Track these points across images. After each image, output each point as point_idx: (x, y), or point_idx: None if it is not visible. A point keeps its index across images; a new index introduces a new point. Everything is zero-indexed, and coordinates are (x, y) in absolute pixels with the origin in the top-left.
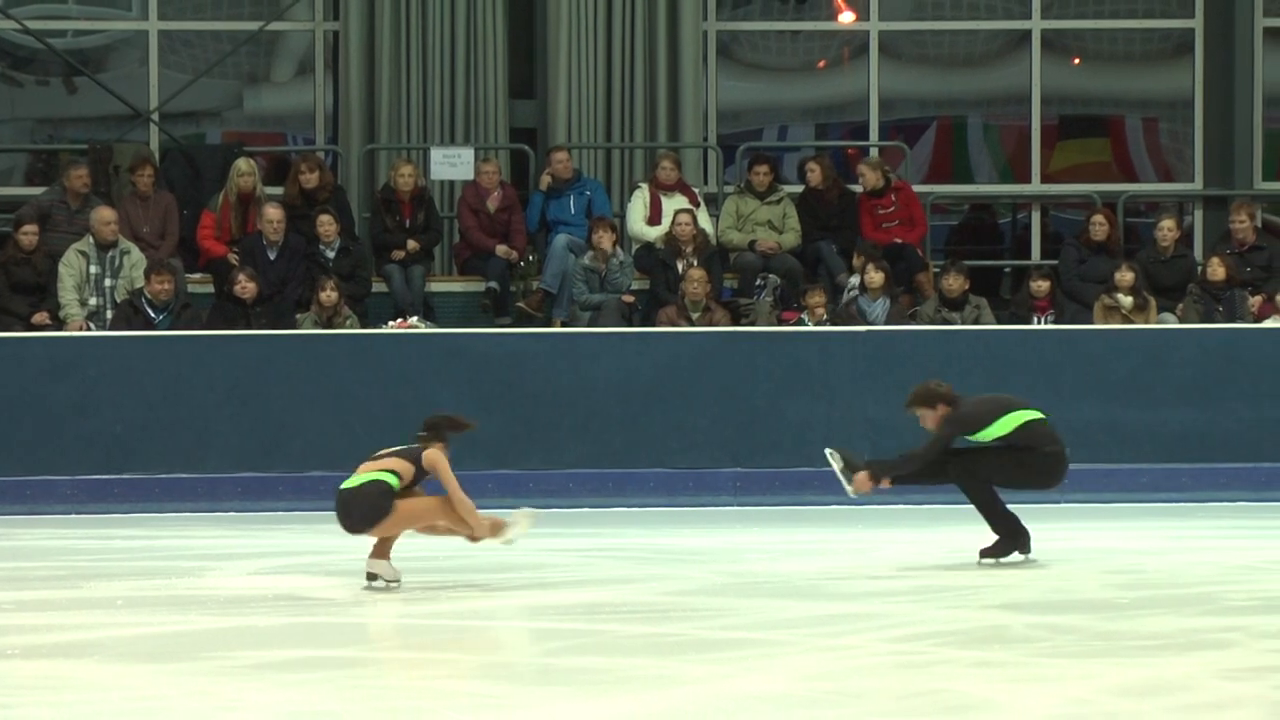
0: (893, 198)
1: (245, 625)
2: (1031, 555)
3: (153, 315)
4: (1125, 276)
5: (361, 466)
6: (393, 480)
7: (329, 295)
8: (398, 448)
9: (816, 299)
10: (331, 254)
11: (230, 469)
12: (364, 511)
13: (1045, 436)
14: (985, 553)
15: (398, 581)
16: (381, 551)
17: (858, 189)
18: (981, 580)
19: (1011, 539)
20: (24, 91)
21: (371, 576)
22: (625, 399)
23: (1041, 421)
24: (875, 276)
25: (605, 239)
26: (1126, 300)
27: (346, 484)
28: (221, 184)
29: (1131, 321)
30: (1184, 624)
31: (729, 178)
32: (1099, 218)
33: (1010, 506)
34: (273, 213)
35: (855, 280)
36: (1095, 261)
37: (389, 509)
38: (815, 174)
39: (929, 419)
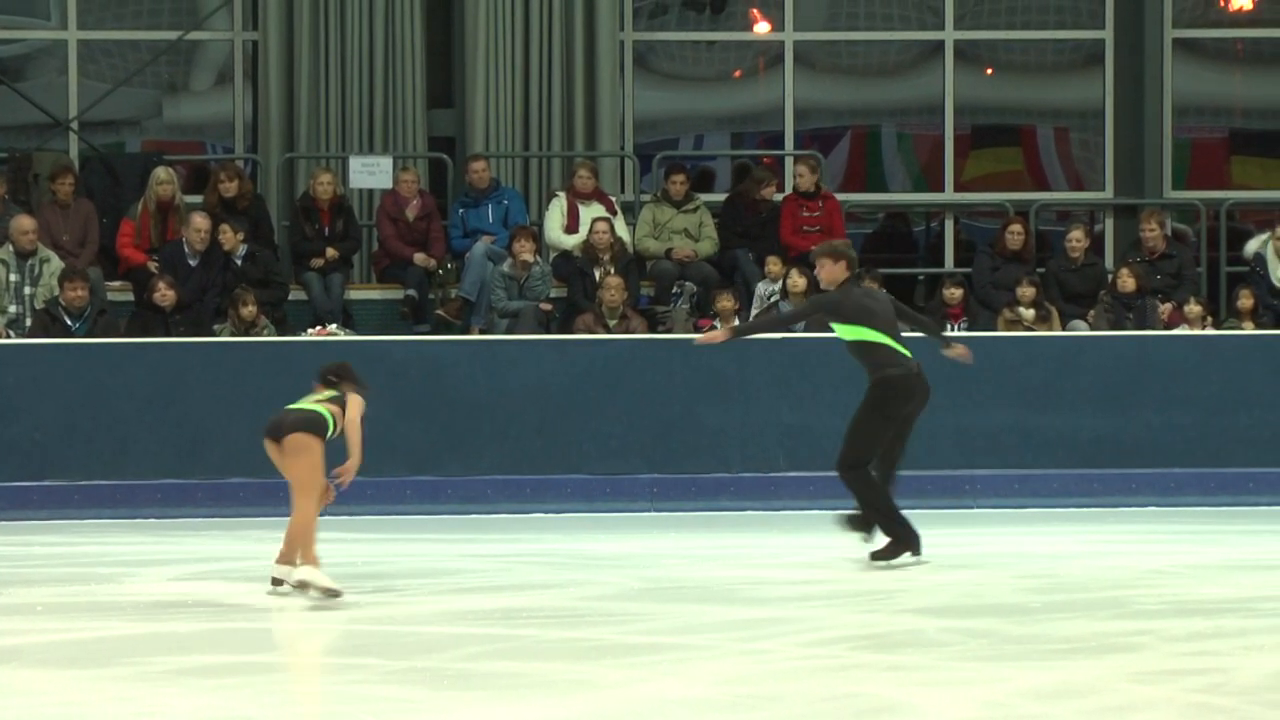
0: (820, 204)
1: (164, 631)
2: (923, 557)
3: (69, 323)
4: (1026, 291)
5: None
6: (329, 422)
7: (249, 310)
8: (324, 395)
9: (726, 302)
10: (239, 261)
11: (149, 475)
12: (301, 425)
13: (884, 356)
14: (876, 555)
15: (337, 593)
16: (303, 559)
17: (778, 197)
18: (895, 585)
19: (903, 541)
20: None
21: (302, 585)
22: (543, 405)
23: (891, 348)
24: (799, 281)
25: (525, 248)
26: (1028, 313)
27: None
28: (141, 192)
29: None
30: (1095, 628)
31: (645, 186)
32: (1016, 226)
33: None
34: (200, 221)
35: (771, 285)
36: (1008, 269)
37: (320, 440)
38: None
39: (826, 270)
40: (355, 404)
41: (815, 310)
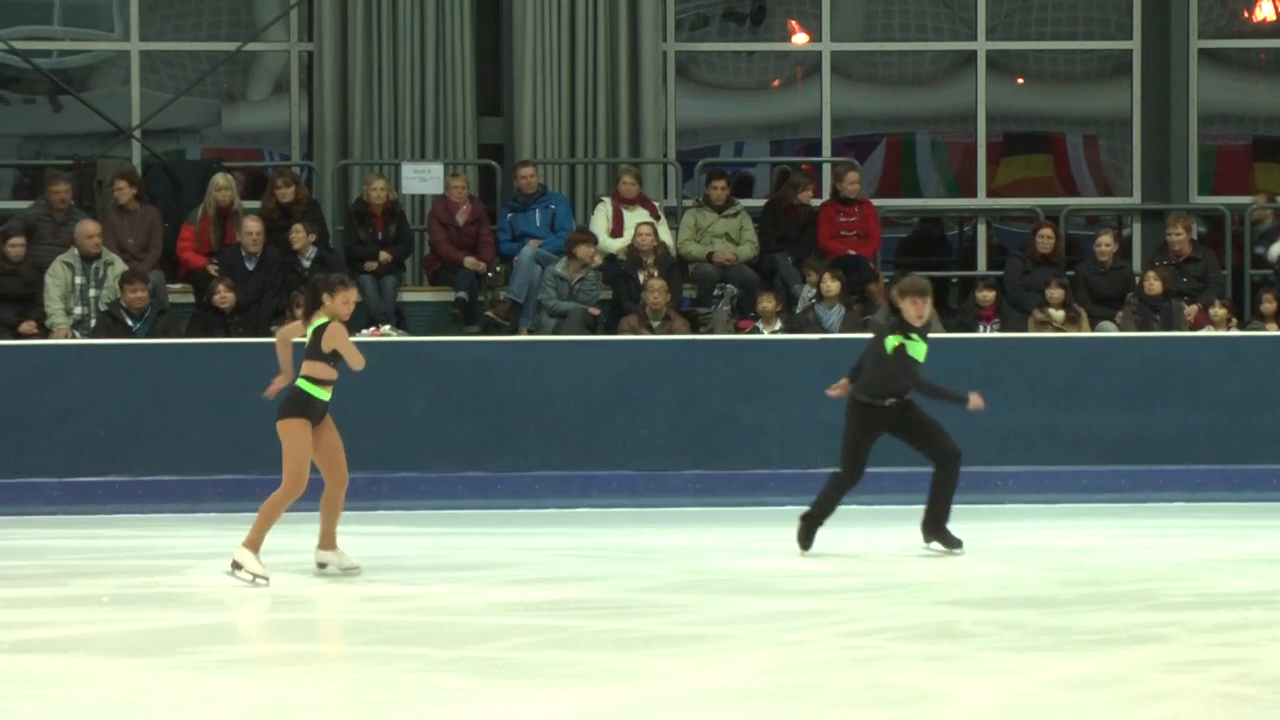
0: (856, 210)
1: (225, 621)
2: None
3: (130, 323)
4: (1056, 293)
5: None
6: (305, 390)
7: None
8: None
9: (768, 304)
10: (307, 263)
11: (210, 471)
12: (279, 410)
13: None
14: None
15: (356, 569)
16: (248, 540)
17: (816, 202)
18: (931, 577)
19: (813, 521)
20: (11, 109)
21: (321, 565)
22: (589, 404)
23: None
24: (832, 285)
25: (587, 252)
26: (1058, 314)
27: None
28: (201, 198)
29: (1064, 333)
30: (1124, 619)
31: (688, 192)
32: (1046, 231)
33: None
34: (251, 225)
35: (811, 290)
36: (1038, 272)
37: (292, 419)
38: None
39: (919, 307)
40: (335, 337)
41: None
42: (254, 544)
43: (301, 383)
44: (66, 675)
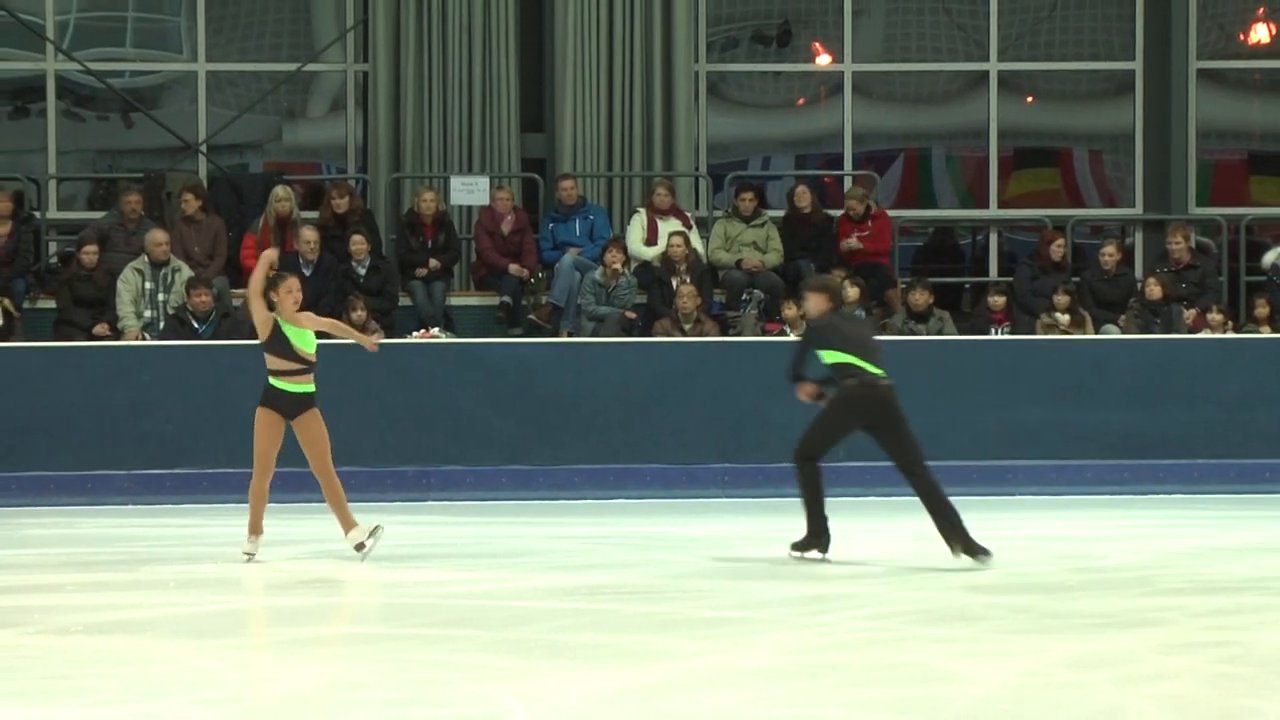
0: (869, 224)
1: (284, 605)
2: (828, 556)
3: (196, 326)
4: (1062, 299)
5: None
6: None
7: (359, 315)
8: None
9: (793, 311)
10: (363, 271)
11: None
12: None
13: (846, 371)
14: (795, 546)
15: (378, 529)
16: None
17: (837, 213)
18: (944, 564)
19: (816, 538)
20: (86, 126)
21: (359, 547)
22: (625, 402)
23: (854, 365)
24: (851, 291)
25: (617, 258)
26: (1064, 318)
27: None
28: (262, 208)
29: (1070, 335)
30: (1126, 604)
31: (718, 203)
32: (1059, 240)
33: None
34: (309, 234)
35: None
36: (1046, 278)
37: (260, 409)
38: (804, 197)
39: (812, 302)
40: (303, 318)
41: (805, 341)
42: (253, 528)
43: (269, 378)
44: (136, 655)
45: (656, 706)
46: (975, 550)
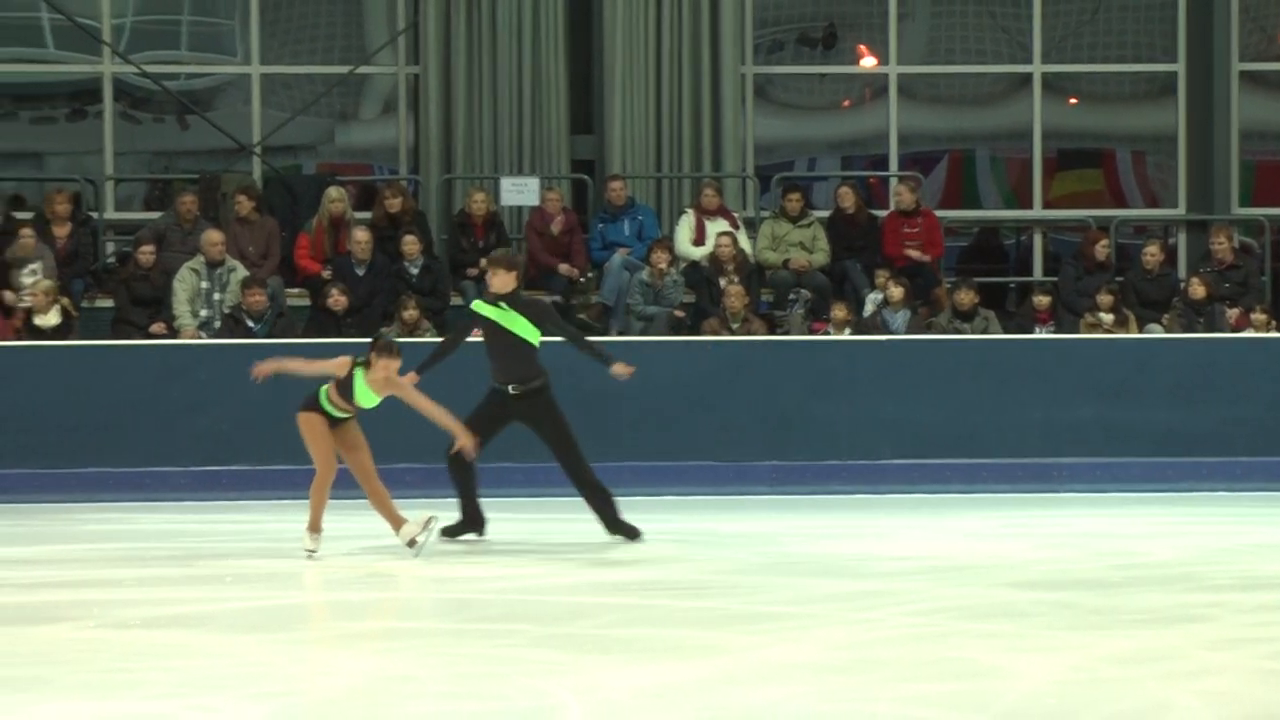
0: (919, 220)
1: (338, 599)
2: (484, 536)
3: (250, 325)
4: (1105, 299)
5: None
6: (318, 396)
7: (411, 314)
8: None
9: (841, 312)
10: (415, 270)
11: None
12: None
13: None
14: (446, 530)
15: (431, 520)
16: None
17: (882, 213)
18: (990, 560)
19: (470, 522)
20: (142, 128)
21: (411, 543)
22: (674, 399)
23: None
24: (896, 291)
25: (662, 258)
26: (1107, 318)
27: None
28: (316, 209)
29: (1114, 334)
30: (1170, 600)
31: (765, 204)
32: (1104, 241)
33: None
34: (361, 235)
35: (879, 295)
36: (1090, 278)
37: (307, 412)
38: (848, 198)
39: (499, 279)
40: (399, 385)
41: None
42: (311, 525)
43: (322, 392)
44: (193, 649)
45: (707, 700)
46: (626, 529)
